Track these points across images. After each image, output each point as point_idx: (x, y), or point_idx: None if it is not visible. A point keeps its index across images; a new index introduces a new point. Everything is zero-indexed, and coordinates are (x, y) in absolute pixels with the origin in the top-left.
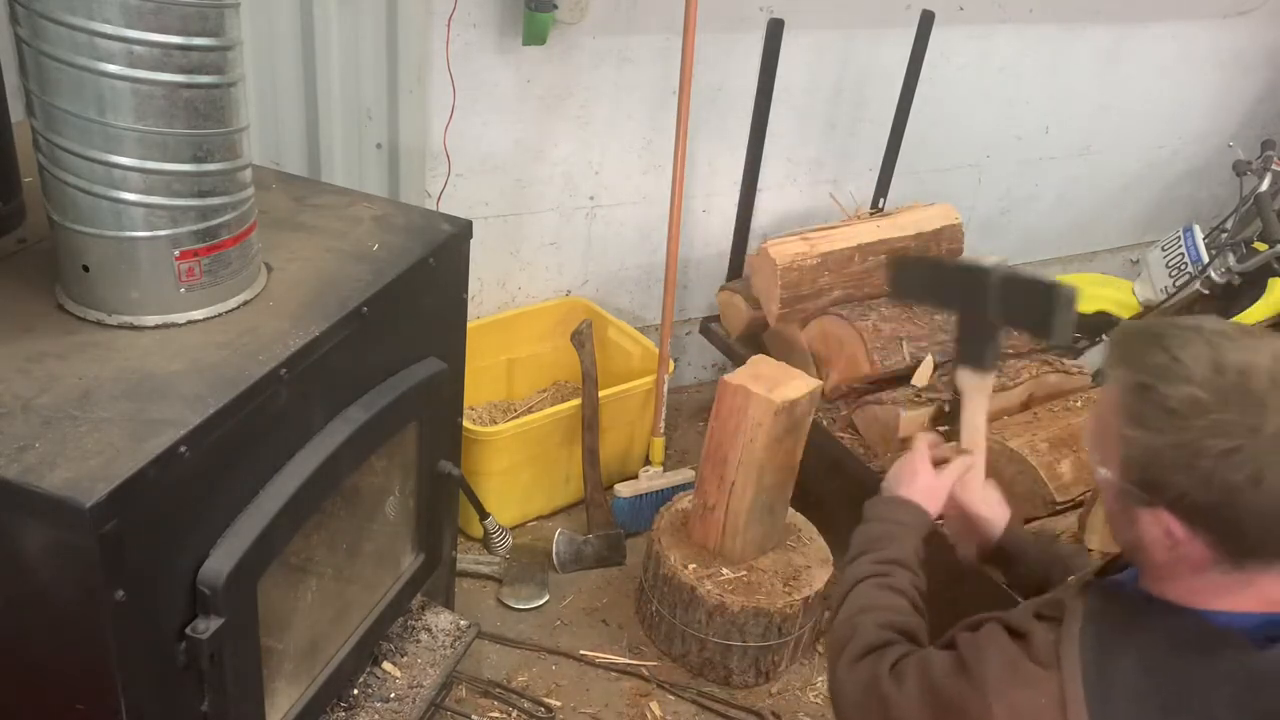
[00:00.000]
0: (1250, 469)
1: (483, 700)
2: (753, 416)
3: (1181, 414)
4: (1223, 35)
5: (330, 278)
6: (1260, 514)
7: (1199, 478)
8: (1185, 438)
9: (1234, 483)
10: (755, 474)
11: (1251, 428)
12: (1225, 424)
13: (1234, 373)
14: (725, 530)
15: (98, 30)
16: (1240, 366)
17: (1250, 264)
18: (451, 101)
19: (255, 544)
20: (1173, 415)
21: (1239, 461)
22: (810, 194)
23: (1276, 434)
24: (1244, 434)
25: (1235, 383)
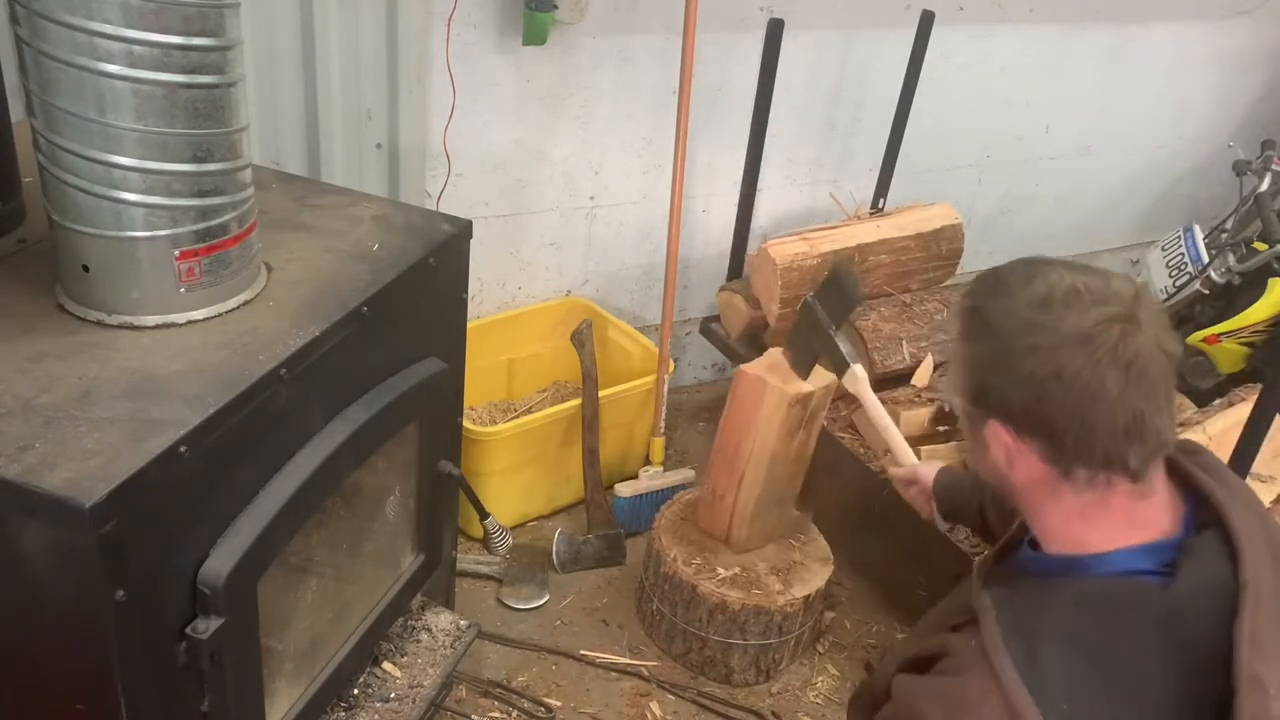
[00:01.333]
0: (1051, 364)
1: (483, 700)
2: (767, 407)
3: (998, 323)
4: (1223, 35)
5: (330, 278)
6: (1067, 409)
7: (1012, 376)
8: (1000, 343)
9: (1039, 376)
10: (766, 465)
11: (1051, 328)
12: (1030, 327)
13: (1043, 288)
14: (733, 519)
15: (98, 30)
16: (1049, 282)
17: (1250, 264)
18: (451, 101)
19: (255, 544)
20: (991, 325)
21: (1041, 358)
22: (810, 194)
23: (1072, 332)
24: (1044, 334)
25: (1042, 294)
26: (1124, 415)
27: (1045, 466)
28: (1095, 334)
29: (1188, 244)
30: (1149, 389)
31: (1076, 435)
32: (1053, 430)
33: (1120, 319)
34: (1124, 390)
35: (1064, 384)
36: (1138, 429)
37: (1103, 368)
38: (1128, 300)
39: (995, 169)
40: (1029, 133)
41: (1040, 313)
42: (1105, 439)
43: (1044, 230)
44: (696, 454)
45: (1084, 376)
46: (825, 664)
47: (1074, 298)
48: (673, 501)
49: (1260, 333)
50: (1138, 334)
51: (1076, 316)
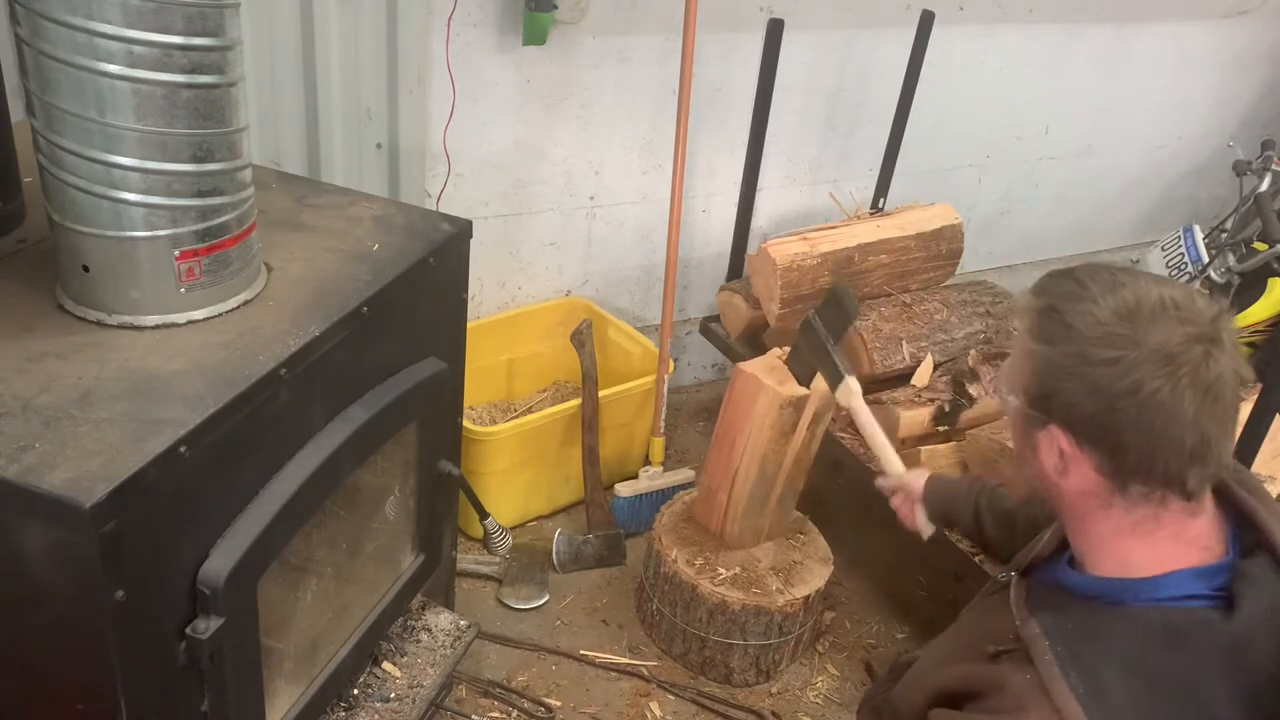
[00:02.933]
0: (1130, 378)
1: (483, 700)
2: (760, 407)
3: (1078, 328)
4: (1223, 35)
5: (330, 278)
6: (1139, 425)
7: (1086, 385)
8: (1078, 348)
9: (1115, 390)
10: (758, 464)
11: (1135, 342)
12: (1113, 337)
13: (1130, 297)
14: (726, 514)
15: (98, 30)
16: (1136, 293)
17: (1250, 264)
18: (451, 101)
19: (255, 544)
20: (1070, 329)
21: (1120, 370)
22: (810, 194)
23: (1156, 349)
24: (1128, 346)
25: (1129, 304)
26: (1193, 437)
27: (1100, 479)
28: (1178, 353)
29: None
30: (1221, 412)
31: (1142, 452)
32: (1118, 444)
33: (1204, 340)
34: (1198, 411)
35: (1139, 400)
36: (1203, 451)
37: (1182, 388)
38: (1211, 321)
39: (995, 169)
40: (1029, 133)
41: (1125, 325)
42: (1170, 458)
43: (1044, 230)
44: (696, 454)
45: (1162, 395)
46: (825, 664)
47: (1160, 312)
48: (673, 501)
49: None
50: (1220, 356)
51: (1162, 333)
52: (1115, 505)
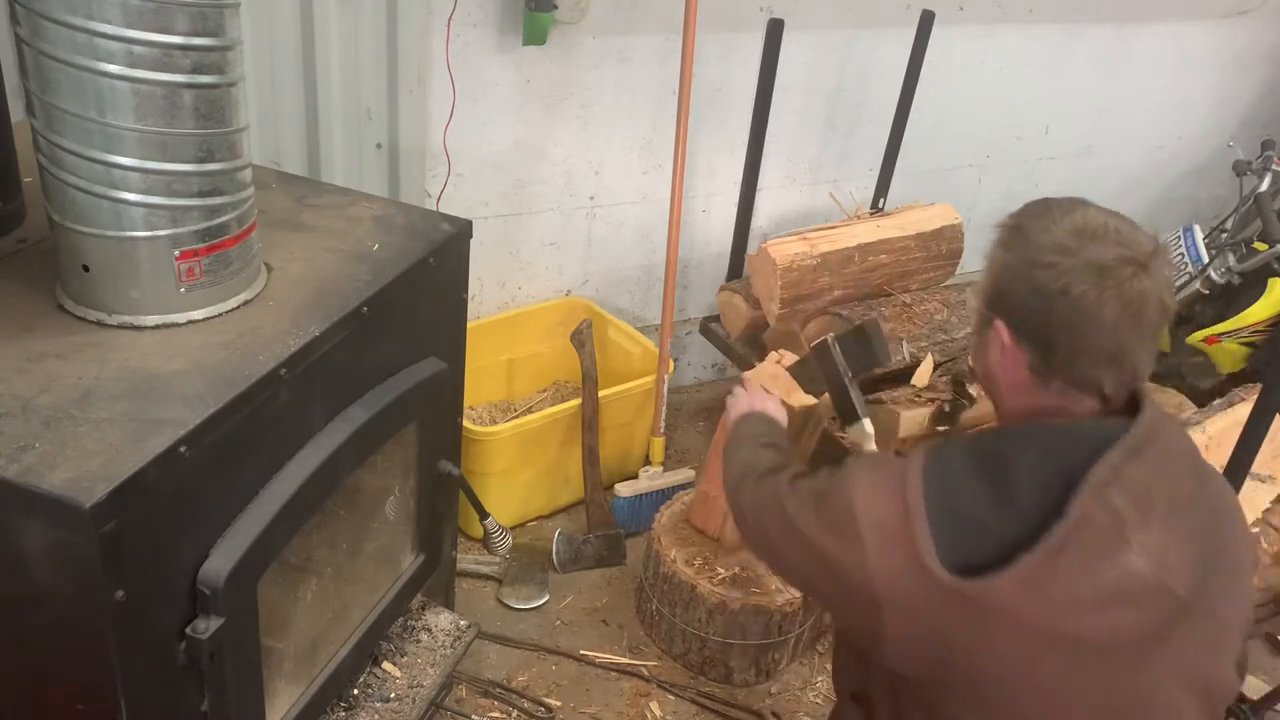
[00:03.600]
0: (1063, 281)
1: (483, 700)
2: None
3: (1033, 238)
4: (1223, 35)
5: (330, 278)
6: (1064, 324)
7: (1028, 286)
8: (1028, 254)
9: (1049, 290)
10: None
11: (1072, 251)
12: (1057, 246)
13: (1080, 220)
14: (726, 519)
15: (98, 30)
16: (1086, 217)
17: (1250, 264)
18: (451, 101)
19: (255, 544)
20: (1027, 238)
21: (1056, 274)
22: (810, 194)
23: (1091, 261)
24: (1067, 255)
25: (1078, 224)
26: (1111, 343)
27: (1030, 375)
28: (1110, 267)
29: (1188, 244)
30: (1139, 327)
31: (1067, 350)
32: (1048, 341)
33: (1135, 263)
34: (1118, 321)
35: (1069, 301)
36: (1119, 357)
37: (1106, 297)
38: (1146, 251)
39: (995, 169)
40: (1029, 133)
41: (1071, 238)
42: (1089, 360)
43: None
44: (696, 454)
45: (1088, 300)
46: (825, 664)
47: (1103, 234)
48: (672, 501)
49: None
50: (1145, 279)
51: (1099, 249)
52: (1037, 395)
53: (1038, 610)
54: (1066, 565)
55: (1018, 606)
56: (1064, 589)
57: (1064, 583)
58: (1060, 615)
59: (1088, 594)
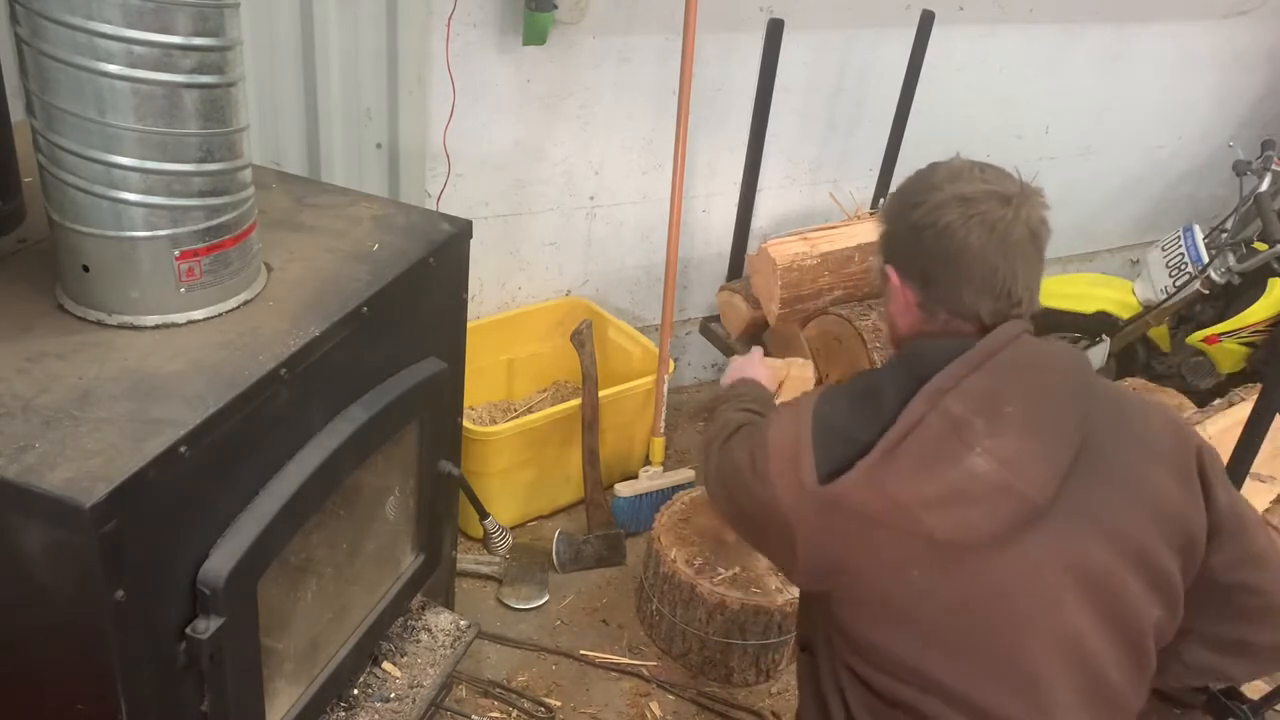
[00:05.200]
0: (932, 215)
1: (483, 700)
2: None
3: (909, 186)
4: (1223, 35)
5: (330, 278)
6: (935, 253)
7: (905, 225)
8: (904, 198)
9: (920, 223)
10: None
11: (940, 188)
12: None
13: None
14: None
15: (98, 30)
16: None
17: (1250, 264)
18: (451, 101)
19: (255, 544)
20: (905, 188)
21: (926, 209)
22: (810, 194)
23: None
24: (934, 191)
25: (949, 170)
26: (981, 267)
27: (919, 312)
28: (973, 199)
29: (1188, 244)
30: (1008, 251)
31: (943, 280)
32: (925, 274)
33: (999, 197)
34: (985, 246)
35: (937, 230)
36: (991, 282)
37: (972, 225)
38: (1013, 191)
39: None
40: (1029, 133)
41: (942, 180)
42: (965, 287)
43: None
44: (696, 454)
45: (954, 227)
46: None
47: (969, 173)
48: (673, 502)
49: (1260, 333)
50: (1008, 210)
51: (965, 186)
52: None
53: (882, 507)
54: (903, 466)
55: (864, 504)
56: (902, 487)
57: (901, 481)
58: (902, 512)
59: (929, 492)
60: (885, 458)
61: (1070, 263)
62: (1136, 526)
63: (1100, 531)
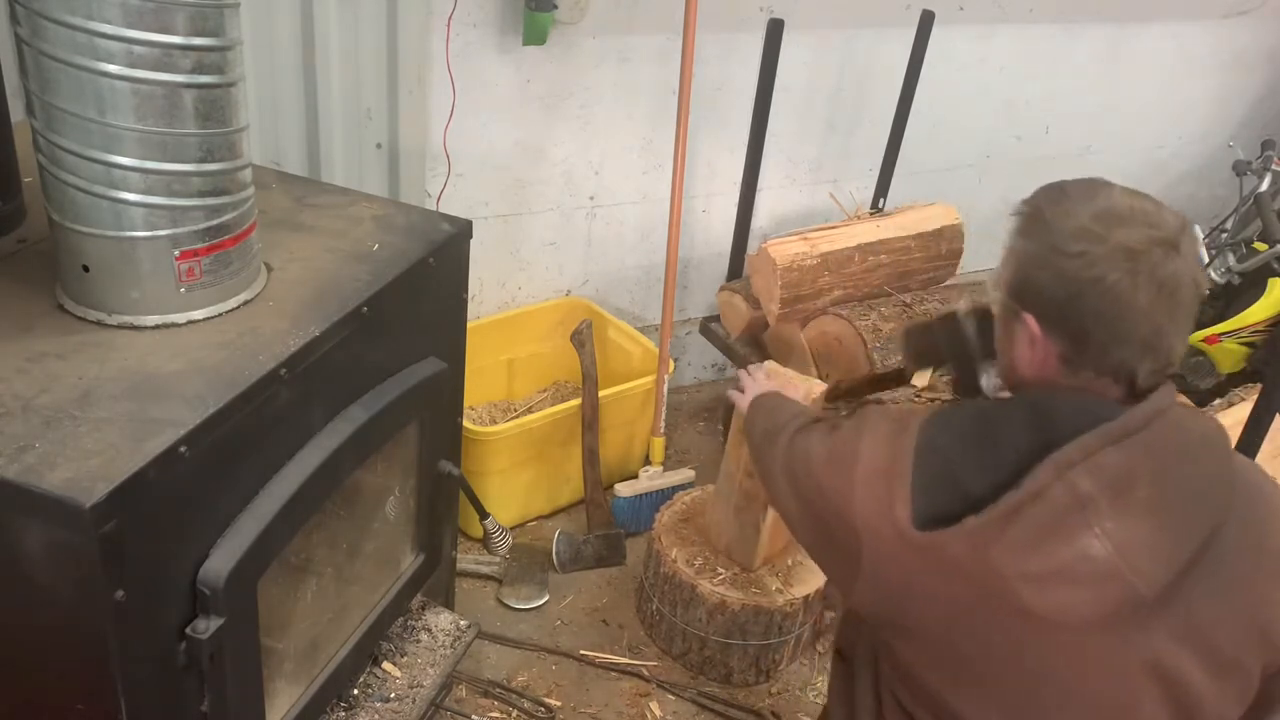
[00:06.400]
0: (1095, 270)
1: (483, 700)
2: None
3: (1055, 226)
4: (1223, 35)
5: (330, 278)
6: (1097, 313)
7: (1055, 275)
8: (1052, 241)
9: (1080, 279)
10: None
11: (1102, 239)
12: (1083, 232)
13: (1104, 203)
14: None
15: (98, 30)
16: (1110, 200)
17: (1250, 264)
18: (451, 101)
19: (255, 544)
20: (1049, 226)
21: (1086, 262)
22: (810, 194)
23: (1120, 245)
24: (1095, 242)
25: (1101, 208)
26: (1147, 328)
27: (1061, 365)
28: (1140, 251)
29: None
30: (1174, 309)
31: (1101, 339)
32: (1080, 330)
33: (1165, 243)
34: (1152, 305)
35: (1100, 289)
36: (1154, 343)
37: (1140, 282)
38: (1175, 229)
39: (995, 169)
40: (1029, 133)
41: (1096, 223)
42: (1125, 347)
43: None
44: (696, 454)
45: (1121, 286)
46: (825, 664)
47: (1128, 215)
48: (673, 502)
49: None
50: (1176, 259)
51: (1127, 233)
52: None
53: (979, 570)
54: (1014, 537)
55: (959, 560)
56: (1008, 560)
57: (1008, 554)
58: (1000, 581)
59: (1034, 568)
60: (998, 524)
61: None
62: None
63: (1199, 642)
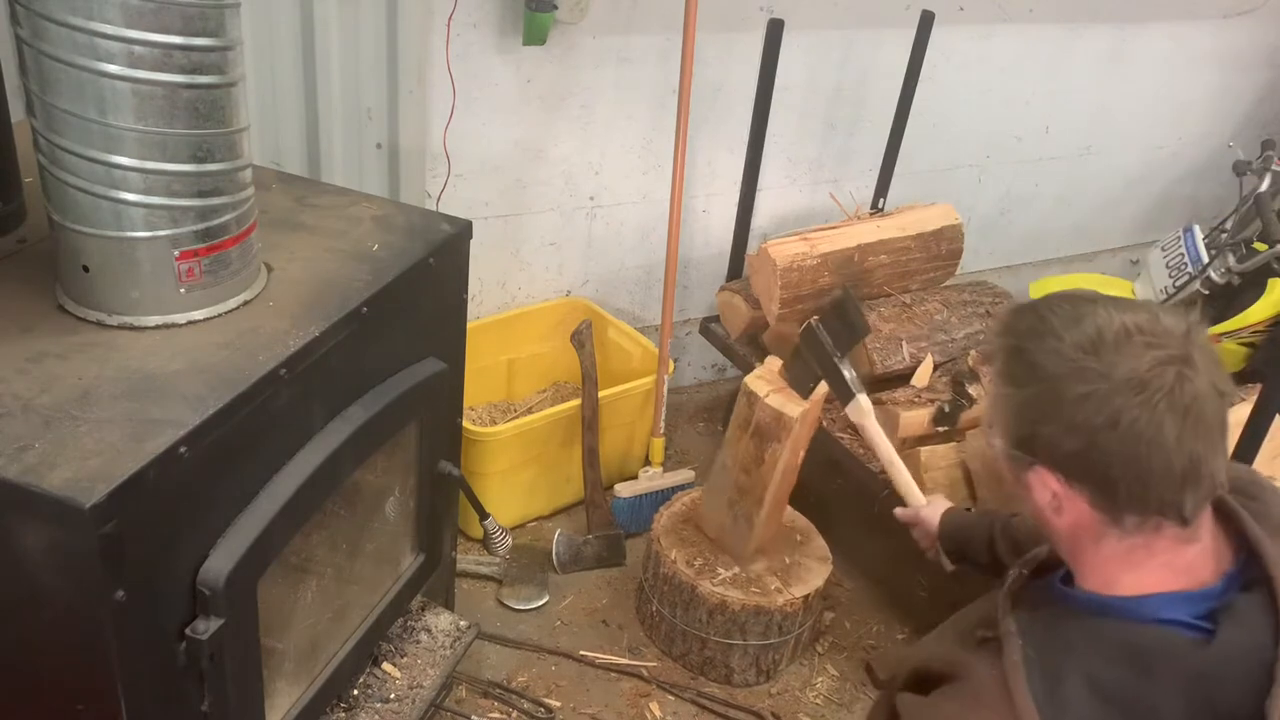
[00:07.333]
0: (1107, 411)
1: (483, 701)
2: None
3: (1045, 367)
4: (1223, 35)
5: (330, 278)
6: (1123, 457)
7: (1063, 425)
8: (1048, 387)
9: (1093, 425)
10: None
11: (1104, 374)
12: (1081, 371)
13: (1091, 329)
14: None
15: (98, 30)
16: (1097, 323)
17: (1250, 264)
18: (451, 101)
19: (255, 544)
20: (1037, 369)
21: (1094, 405)
22: (810, 194)
23: (1127, 379)
24: (1098, 379)
25: (1091, 336)
26: (1181, 461)
27: (1095, 513)
28: (1150, 379)
29: (1188, 244)
30: (1205, 431)
31: (1130, 483)
32: (1106, 478)
33: (1175, 361)
34: (1181, 435)
35: (1119, 432)
36: (1194, 474)
37: (1160, 414)
38: (1180, 339)
39: (995, 169)
40: (1029, 133)
41: (1091, 357)
42: (1160, 486)
43: (1044, 230)
44: (696, 454)
45: (1140, 424)
46: (825, 664)
47: (1125, 340)
48: (672, 502)
49: (1260, 333)
50: (1194, 376)
51: (1130, 360)
52: (1109, 536)
53: None
54: None
55: None
56: None
57: None
58: None
59: None
60: None
61: (1071, 263)
62: None
63: None
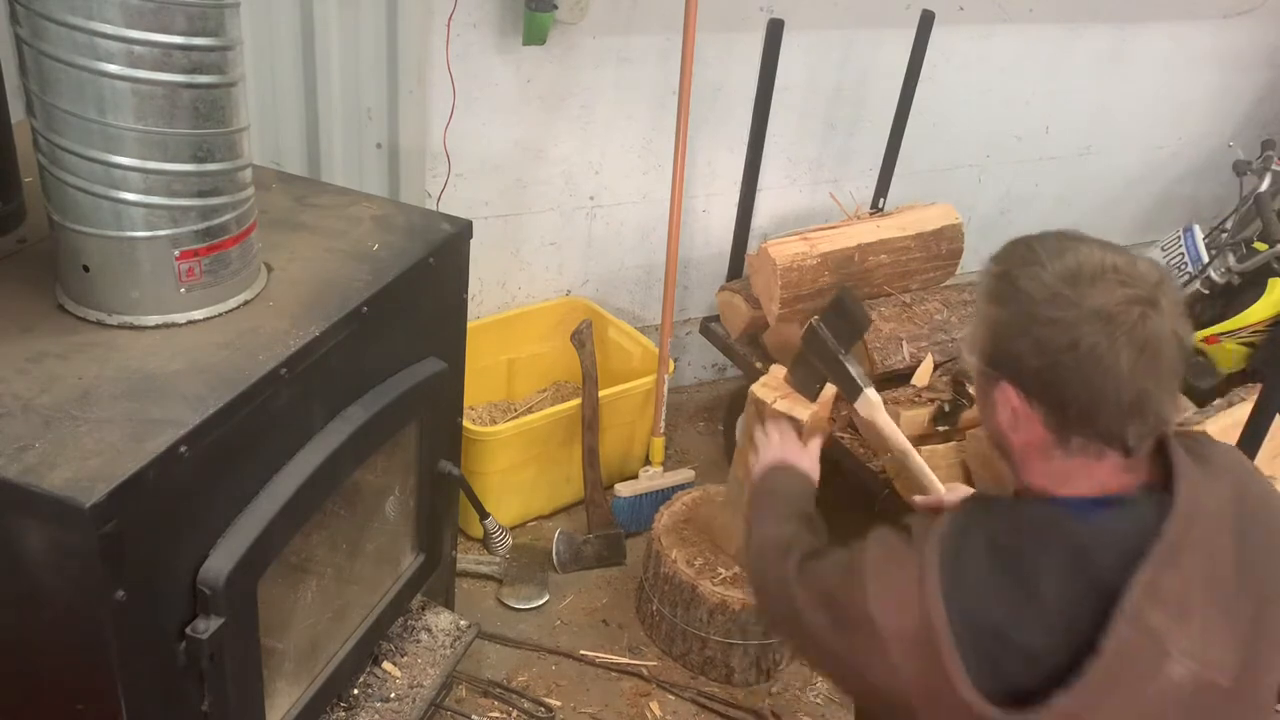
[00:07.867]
0: (1070, 336)
1: (483, 700)
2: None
3: (1026, 290)
4: (1223, 35)
5: (330, 278)
6: (1079, 379)
7: (1031, 343)
8: (1025, 308)
9: (1056, 346)
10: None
11: (1075, 302)
12: (1057, 299)
13: (1073, 262)
14: None
15: (98, 30)
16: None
17: (1250, 264)
18: (451, 101)
19: (255, 544)
20: (1020, 291)
21: (1061, 329)
22: (810, 194)
23: (1096, 309)
24: (1069, 306)
25: (1072, 268)
26: (1130, 392)
27: (1045, 433)
28: (1117, 313)
29: (1188, 244)
30: (1158, 370)
31: (1083, 406)
32: (1061, 398)
33: (1142, 301)
34: (1134, 369)
35: (1078, 355)
36: (1141, 407)
37: (1119, 345)
38: (1151, 284)
39: (995, 169)
40: (1029, 133)
41: (1068, 286)
42: (1109, 413)
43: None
44: (696, 454)
45: (1099, 351)
46: None
47: (1101, 275)
48: (672, 502)
49: (1260, 333)
50: (1156, 317)
51: (1101, 294)
52: (1055, 455)
53: None
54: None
55: None
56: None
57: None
58: None
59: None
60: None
61: None
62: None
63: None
